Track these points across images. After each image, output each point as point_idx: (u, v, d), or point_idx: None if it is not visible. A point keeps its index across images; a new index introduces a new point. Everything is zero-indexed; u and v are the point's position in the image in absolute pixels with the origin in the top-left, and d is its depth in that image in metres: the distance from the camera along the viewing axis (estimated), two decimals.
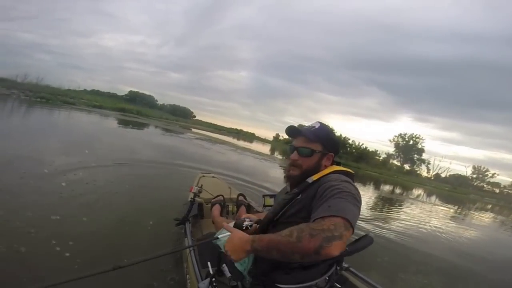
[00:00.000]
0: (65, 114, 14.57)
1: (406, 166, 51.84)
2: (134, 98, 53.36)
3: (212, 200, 2.43)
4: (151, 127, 19.89)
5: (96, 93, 45.62)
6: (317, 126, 1.13)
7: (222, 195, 2.59)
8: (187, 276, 1.57)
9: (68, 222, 2.55)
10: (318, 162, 1.11)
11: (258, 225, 1.16)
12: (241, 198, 2.70)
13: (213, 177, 3.70)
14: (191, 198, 2.30)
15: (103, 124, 14.49)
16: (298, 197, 1.04)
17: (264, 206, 1.78)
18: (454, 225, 8.07)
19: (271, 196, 1.69)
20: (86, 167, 4.51)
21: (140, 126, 18.39)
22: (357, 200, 0.91)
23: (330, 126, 1.16)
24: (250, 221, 1.21)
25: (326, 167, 1.12)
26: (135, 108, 33.63)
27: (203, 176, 3.56)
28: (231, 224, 1.44)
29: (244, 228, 1.13)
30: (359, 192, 0.96)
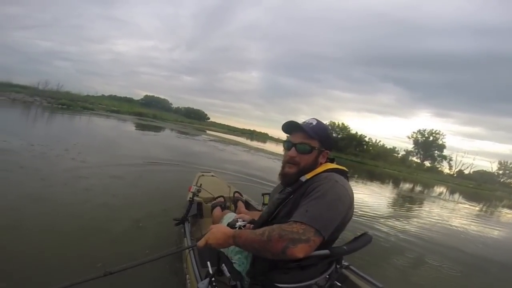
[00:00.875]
0: (86, 119, 15.17)
1: (427, 163, 50.12)
2: (149, 102, 54.76)
3: (213, 202, 2.41)
4: (167, 130, 20.30)
5: (113, 98, 47.14)
6: (314, 123, 1.10)
7: (222, 196, 2.57)
8: (187, 276, 1.56)
9: (71, 222, 2.63)
10: (315, 159, 1.09)
11: (252, 226, 1.15)
12: (237, 195, 2.70)
13: (212, 176, 3.66)
14: (190, 198, 2.28)
15: (122, 128, 14.93)
16: (291, 197, 1.02)
17: (263, 204, 1.78)
18: (479, 223, 7.70)
19: (266, 194, 1.67)
20: (104, 167, 4.71)
21: (157, 129, 18.84)
22: (341, 202, 0.92)
23: (327, 123, 1.12)
24: (243, 221, 1.22)
25: (321, 164, 1.10)
26: (151, 112, 34.44)
27: (202, 175, 3.53)
28: (229, 215, 1.44)
29: (237, 228, 1.14)
30: (348, 192, 0.97)
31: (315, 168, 1.07)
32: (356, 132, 47.09)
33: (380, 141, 49.80)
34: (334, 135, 44.31)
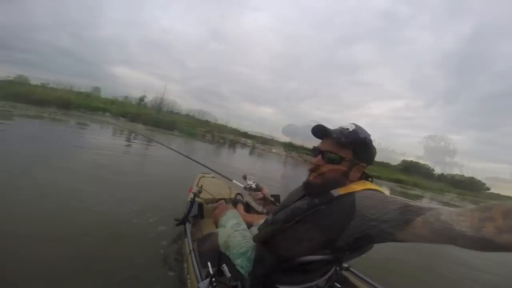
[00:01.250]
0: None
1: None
2: (408, 167, 46.34)
3: (214, 205, 2.41)
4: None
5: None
6: (351, 129, 0.94)
7: (224, 198, 2.58)
8: (187, 276, 1.56)
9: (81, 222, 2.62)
10: (346, 172, 0.91)
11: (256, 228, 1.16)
12: (238, 197, 2.69)
13: (213, 177, 3.65)
14: (191, 198, 2.30)
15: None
16: (316, 209, 0.86)
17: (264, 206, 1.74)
18: None
19: (271, 196, 1.61)
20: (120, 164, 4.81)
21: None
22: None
23: (366, 131, 0.96)
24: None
25: (354, 179, 0.92)
26: (411, 179, 29.86)
27: (203, 176, 3.54)
28: (232, 212, 1.47)
29: None
30: None
31: (346, 183, 0.89)
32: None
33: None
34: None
